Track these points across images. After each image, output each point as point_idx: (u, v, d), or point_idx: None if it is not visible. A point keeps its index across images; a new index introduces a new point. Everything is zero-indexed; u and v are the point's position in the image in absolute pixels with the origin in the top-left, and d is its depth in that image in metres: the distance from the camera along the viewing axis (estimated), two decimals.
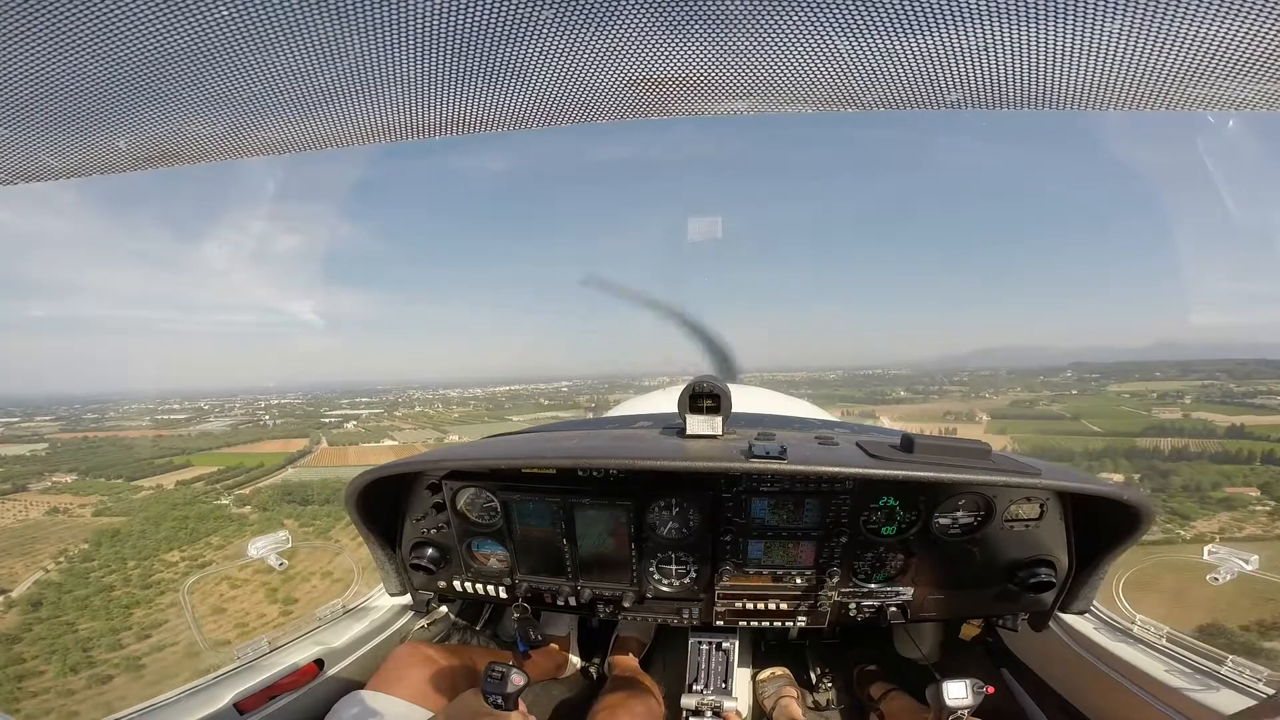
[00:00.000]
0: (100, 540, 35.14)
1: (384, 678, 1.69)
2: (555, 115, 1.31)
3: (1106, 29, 0.94)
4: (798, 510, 1.74)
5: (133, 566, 32.51)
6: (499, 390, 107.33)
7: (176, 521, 38.38)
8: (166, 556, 34.02)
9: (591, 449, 1.75)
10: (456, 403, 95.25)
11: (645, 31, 1.02)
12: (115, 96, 1.08)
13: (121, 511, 42.31)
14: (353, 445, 71.91)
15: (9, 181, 1.32)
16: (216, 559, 33.07)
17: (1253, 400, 52.77)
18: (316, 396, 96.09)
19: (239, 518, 41.01)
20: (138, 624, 26.79)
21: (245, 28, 0.92)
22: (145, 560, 33.24)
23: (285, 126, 1.27)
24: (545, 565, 1.91)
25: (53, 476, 50.92)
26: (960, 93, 1.15)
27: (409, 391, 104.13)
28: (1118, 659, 1.63)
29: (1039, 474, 1.46)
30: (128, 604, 28.51)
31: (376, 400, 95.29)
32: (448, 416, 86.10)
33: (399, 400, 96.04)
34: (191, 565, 32.66)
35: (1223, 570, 1.53)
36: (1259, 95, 1.07)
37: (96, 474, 51.84)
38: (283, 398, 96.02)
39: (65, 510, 43.01)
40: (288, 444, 70.76)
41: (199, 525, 38.54)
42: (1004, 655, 2.19)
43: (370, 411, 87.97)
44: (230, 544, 34.75)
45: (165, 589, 29.56)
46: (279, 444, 70.78)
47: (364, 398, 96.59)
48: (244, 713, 1.55)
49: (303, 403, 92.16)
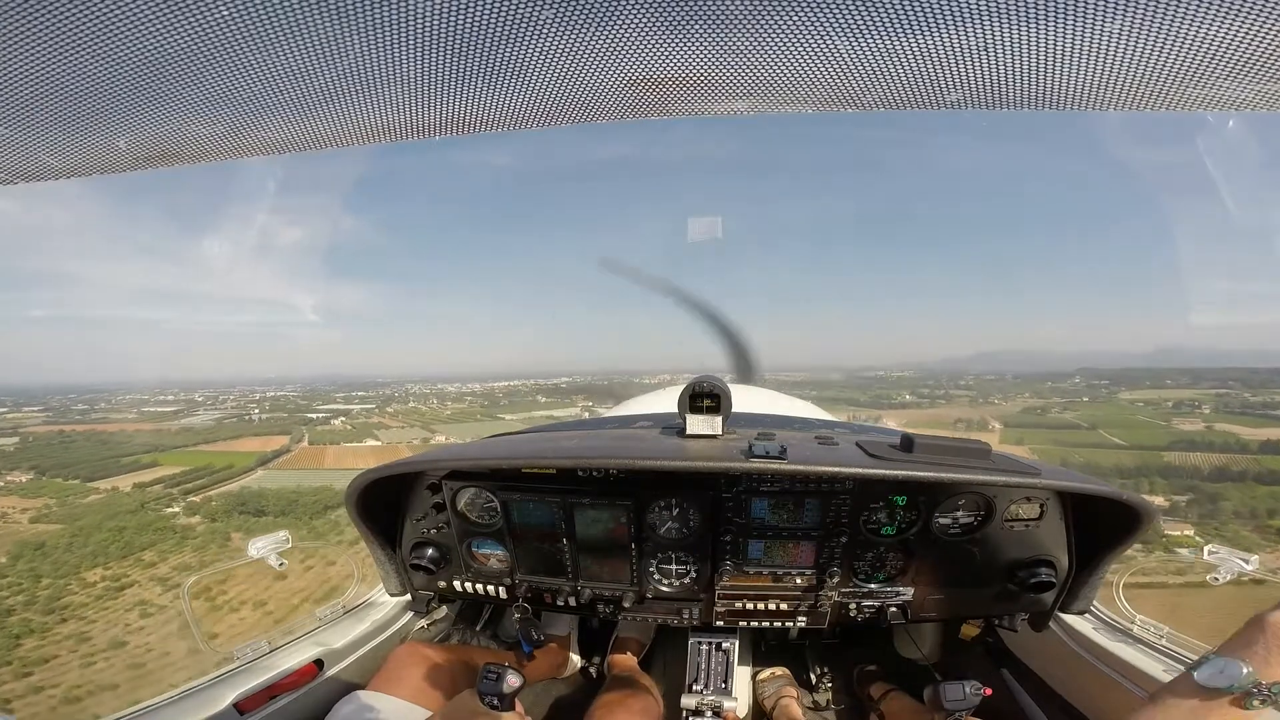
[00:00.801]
0: (21, 553, 30.42)
1: (384, 678, 1.69)
2: (555, 115, 1.31)
3: (1106, 29, 0.94)
4: (798, 510, 1.74)
5: (44, 586, 27.94)
6: (497, 386, 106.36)
7: (111, 533, 33.28)
8: (87, 575, 29.17)
9: (591, 449, 1.75)
10: (453, 398, 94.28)
11: (645, 31, 1.02)
12: (115, 96, 1.08)
13: (63, 518, 38.17)
14: (334, 445, 70.05)
15: (9, 181, 1.32)
16: (141, 580, 29.14)
17: (1274, 412, 51.59)
18: (313, 390, 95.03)
19: (184, 530, 36.39)
20: (20, 659, 22.34)
21: (245, 28, 0.92)
22: (62, 579, 28.54)
23: (285, 126, 1.27)
24: (545, 565, 1.91)
25: (8, 475, 46.74)
26: (960, 93, 1.15)
27: (407, 386, 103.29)
28: (1118, 659, 1.63)
29: (1039, 474, 1.46)
30: (18, 632, 23.90)
31: (372, 395, 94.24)
32: (439, 414, 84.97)
33: (394, 395, 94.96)
34: (112, 586, 28.50)
35: (1223, 570, 1.53)
36: (1259, 95, 1.07)
37: (55, 473, 48.09)
38: (280, 390, 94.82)
39: (3, 515, 38.44)
40: (269, 441, 68.48)
41: (135, 538, 33.39)
42: (1004, 655, 2.19)
43: (362, 407, 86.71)
44: (165, 560, 31.00)
45: (71, 615, 25.46)
46: (260, 441, 68.74)
47: (360, 391, 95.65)
48: (244, 713, 1.55)
49: (298, 396, 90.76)
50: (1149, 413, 57.73)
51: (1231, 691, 0.84)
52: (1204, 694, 0.87)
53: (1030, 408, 67.30)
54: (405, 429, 76.14)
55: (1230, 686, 0.84)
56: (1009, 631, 1.91)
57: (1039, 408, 66.56)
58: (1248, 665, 0.83)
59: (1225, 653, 0.88)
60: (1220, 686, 0.85)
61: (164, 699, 1.50)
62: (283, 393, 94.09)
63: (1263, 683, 0.82)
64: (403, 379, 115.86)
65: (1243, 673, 0.83)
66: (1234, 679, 0.83)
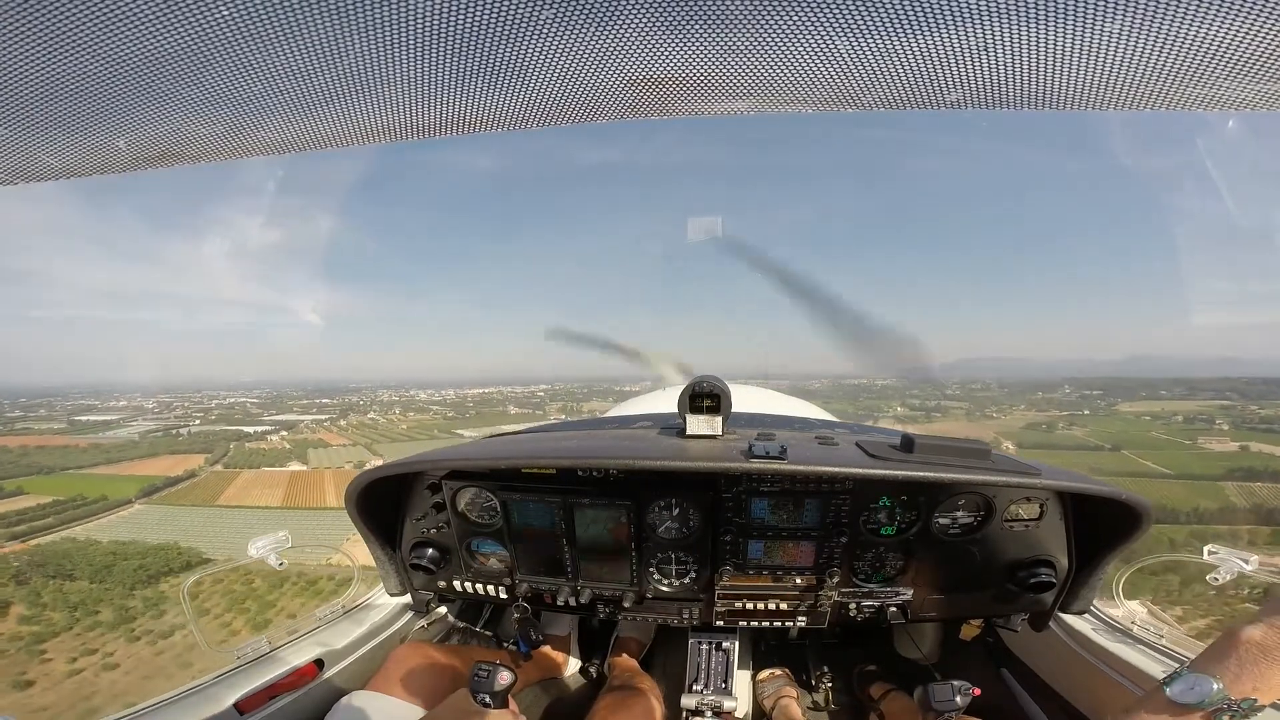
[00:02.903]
0: None
1: (384, 678, 1.69)
2: (555, 115, 1.31)
3: (1106, 29, 0.94)
4: (798, 510, 1.74)
5: None
6: (471, 393, 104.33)
7: None
8: None
9: (591, 449, 1.75)
10: (418, 408, 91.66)
11: (645, 31, 1.02)
12: (115, 96, 1.08)
13: None
14: (252, 469, 64.82)
15: (9, 181, 1.32)
16: None
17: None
18: (279, 395, 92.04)
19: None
20: None
21: (245, 28, 0.92)
22: None
23: (285, 126, 1.27)
24: (545, 565, 1.91)
25: None
26: (960, 93, 1.15)
27: (379, 392, 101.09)
28: (1118, 659, 1.63)
29: (1039, 474, 1.46)
30: None
31: (335, 403, 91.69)
32: (394, 428, 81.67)
33: (359, 403, 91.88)
34: None
35: (1223, 570, 1.54)
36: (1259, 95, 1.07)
37: None
38: (249, 394, 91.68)
39: None
40: (183, 462, 63.26)
41: None
42: (1004, 655, 2.19)
43: (316, 418, 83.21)
44: None
45: None
46: (173, 462, 62.99)
47: (326, 399, 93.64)
48: (244, 713, 1.55)
49: (259, 402, 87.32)
50: (1163, 429, 55.37)
51: (1203, 707, 0.83)
52: (1175, 710, 0.86)
53: (1033, 423, 65.21)
54: (347, 448, 71.67)
55: (1201, 702, 0.83)
56: (1009, 631, 1.91)
57: (1043, 423, 64.46)
58: (1218, 681, 0.83)
59: (1198, 668, 0.88)
60: (1191, 702, 0.84)
61: (164, 699, 1.50)
62: (246, 398, 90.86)
63: (1232, 698, 0.82)
64: (378, 384, 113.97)
65: (1213, 689, 0.83)
66: (1204, 695, 0.83)
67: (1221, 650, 0.87)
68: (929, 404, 75.43)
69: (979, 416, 70.08)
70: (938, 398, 77.38)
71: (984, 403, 73.93)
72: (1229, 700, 0.82)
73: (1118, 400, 64.36)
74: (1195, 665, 0.89)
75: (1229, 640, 0.87)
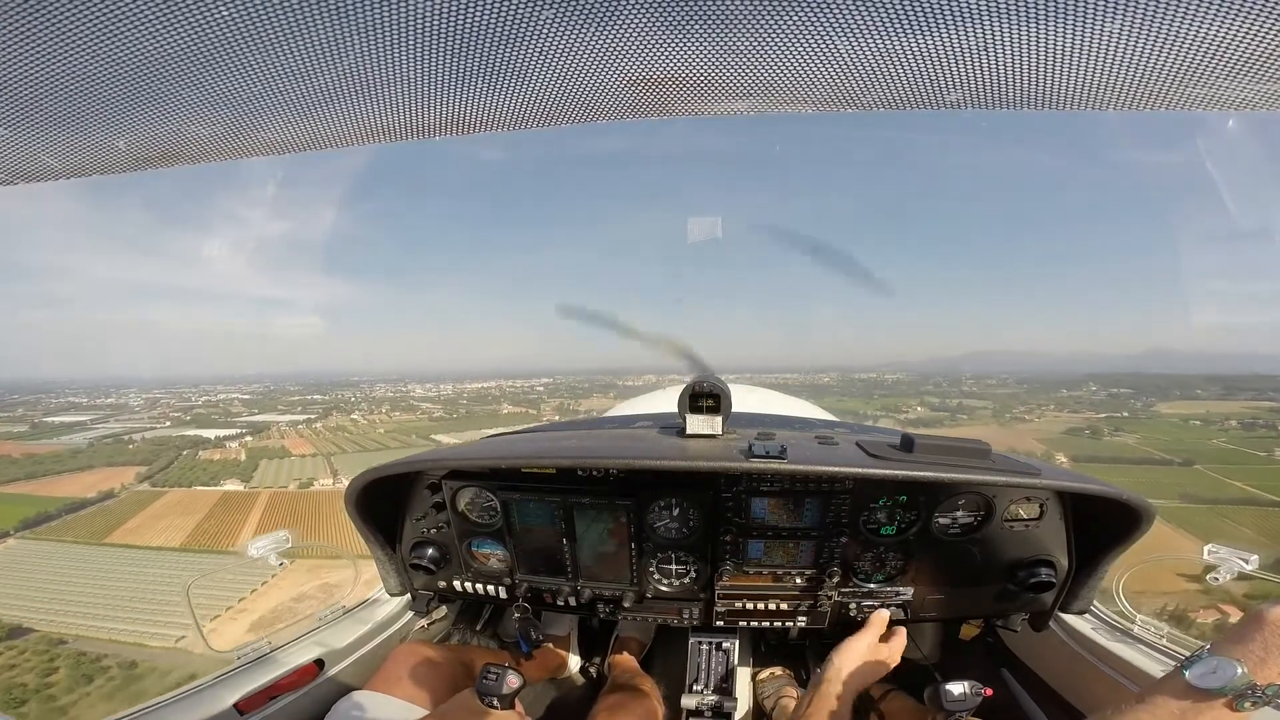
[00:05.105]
0: None
1: (384, 678, 1.69)
2: (555, 115, 1.31)
3: (1106, 29, 0.94)
4: (798, 510, 1.74)
5: None
6: (468, 388, 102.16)
7: None
8: None
9: (591, 449, 1.75)
10: (407, 406, 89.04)
11: (645, 31, 1.02)
12: (115, 96, 1.08)
13: None
14: (183, 487, 56.23)
15: (9, 181, 1.32)
16: None
17: None
18: (274, 391, 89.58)
19: None
20: None
21: (245, 28, 0.92)
22: None
23: (285, 126, 1.27)
24: (545, 565, 1.91)
25: None
26: (960, 93, 1.15)
27: (376, 387, 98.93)
28: (1118, 659, 1.63)
29: (1039, 474, 1.46)
30: None
31: (322, 401, 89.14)
32: (370, 433, 77.41)
33: (348, 400, 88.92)
34: None
35: (1223, 570, 1.54)
36: (1259, 95, 1.07)
37: None
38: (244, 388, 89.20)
39: None
40: (117, 475, 55.50)
41: None
42: (1004, 655, 2.19)
43: (292, 419, 79.19)
44: None
45: None
46: (105, 475, 55.41)
47: (319, 395, 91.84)
48: (244, 713, 1.55)
49: (247, 398, 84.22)
50: (1222, 435, 46.14)
51: (1224, 693, 0.79)
52: (1195, 694, 0.82)
53: (1073, 428, 58.24)
54: (304, 459, 65.71)
55: (1223, 687, 0.79)
56: (1009, 631, 1.91)
57: (1085, 428, 56.99)
58: (1242, 665, 0.79)
59: (1220, 650, 0.83)
60: (1212, 687, 0.80)
61: (164, 700, 1.50)
62: (238, 394, 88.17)
63: (1257, 683, 0.77)
64: (378, 376, 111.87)
65: (1237, 673, 0.78)
66: (1227, 679, 0.79)
67: (1246, 632, 0.82)
68: (950, 403, 71.36)
69: (1008, 419, 63.79)
70: (957, 395, 73.88)
71: (1007, 401, 69.37)
72: (1254, 685, 0.77)
73: (1154, 400, 59.56)
74: (1217, 648, 0.84)
75: (1255, 621, 0.82)
